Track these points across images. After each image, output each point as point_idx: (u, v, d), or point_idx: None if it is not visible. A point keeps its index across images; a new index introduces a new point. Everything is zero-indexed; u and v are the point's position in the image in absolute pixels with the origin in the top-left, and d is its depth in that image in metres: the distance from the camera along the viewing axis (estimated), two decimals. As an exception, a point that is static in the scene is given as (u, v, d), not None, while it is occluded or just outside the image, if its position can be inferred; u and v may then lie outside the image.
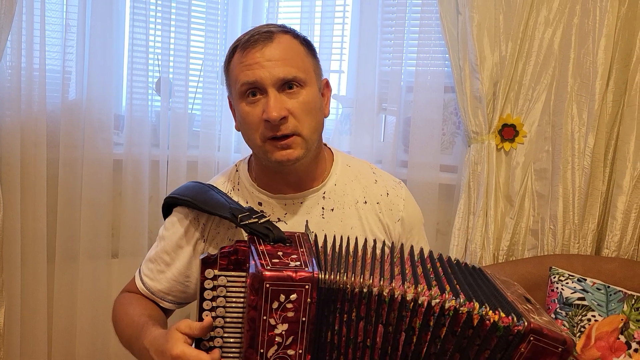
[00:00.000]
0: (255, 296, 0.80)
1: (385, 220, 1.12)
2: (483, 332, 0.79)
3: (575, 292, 1.71)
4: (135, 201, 2.09)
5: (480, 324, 0.79)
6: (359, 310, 0.83)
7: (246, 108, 1.01)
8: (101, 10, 1.99)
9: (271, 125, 0.98)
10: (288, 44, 1.02)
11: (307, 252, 0.88)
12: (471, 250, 1.95)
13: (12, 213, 1.91)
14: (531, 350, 0.77)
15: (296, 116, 0.99)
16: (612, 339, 1.65)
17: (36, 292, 2.00)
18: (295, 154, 1.00)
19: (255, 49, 1.00)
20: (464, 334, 0.80)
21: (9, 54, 1.87)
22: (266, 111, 0.98)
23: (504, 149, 1.98)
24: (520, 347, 0.77)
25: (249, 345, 0.81)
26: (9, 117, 1.90)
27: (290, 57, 1.01)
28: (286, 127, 0.99)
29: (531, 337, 0.76)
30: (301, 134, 1.00)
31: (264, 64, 0.99)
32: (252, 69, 0.99)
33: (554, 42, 1.90)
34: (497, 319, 0.78)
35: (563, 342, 0.77)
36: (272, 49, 1.00)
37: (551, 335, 0.77)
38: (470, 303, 0.80)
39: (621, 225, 1.87)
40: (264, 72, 0.98)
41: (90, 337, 2.09)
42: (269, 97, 0.98)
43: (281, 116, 0.97)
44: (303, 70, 1.02)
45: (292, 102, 1.00)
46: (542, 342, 0.77)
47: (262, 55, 0.99)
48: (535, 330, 0.76)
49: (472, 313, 0.79)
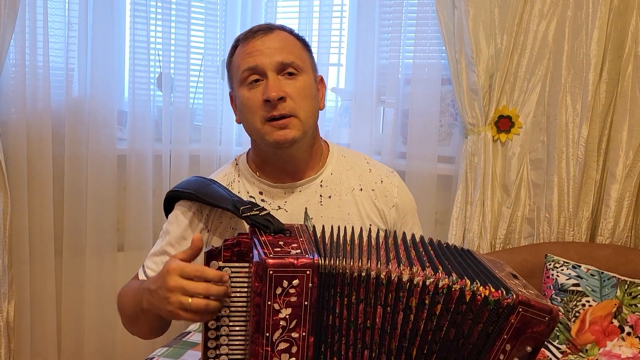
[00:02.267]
0: (259, 283, 0.84)
1: (381, 206, 1.17)
2: (475, 306, 0.83)
3: (570, 278, 1.75)
4: (140, 195, 2.13)
5: (472, 299, 0.83)
6: (359, 293, 0.87)
7: (247, 93, 1.07)
8: (102, 8, 2.02)
9: (270, 105, 1.04)
10: (286, 36, 1.10)
11: (307, 241, 0.92)
12: (469, 239, 2.00)
13: (20, 209, 1.95)
14: (520, 320, 0.81)
15: (293, 99, 1.06)
16: (605, 323, 1.69)
17: (45, 285, 2.04)
18: (291, 134, 1.05)
19: (255, 38, 1.07)
20: (458, 309, 0.84)
21: (13, 52, 1.91)
22: (266, 92, 1.04)
23: (500, 140, 2.02)
24: (510, 318, 0.81)
25: (255, 330, 0.85)
26: (14, 115, 1.93)
27: (289, 46, 1.08)
28: (283, 107, 1.04)
29: (520, 308, 0.81)
30: (298, 116, 1.06)
31: (264, 50, 1.06)
32: (253, 56, 1.06)
33: (548, 35, 1.93)
34: (488, 294, 0.83)
35: (549, 311, 0.82)
36: (272, 39, 1.07)
37: (538, 306, 0.81)
38: (462, 280, 0.84)
39: (614, 213, 1.91)
40: (264, 58, 1.05)
41: (98, 329, 2.14)
42: (268, 79, 1.05)
43: (279, 95, 1.03)
44: (300, 58, 1.09)
45: (289, 85, 1.06)
46: (530, 312, 0.81)
47: (263, 44, 1.06)
48: (523, 302, 0.81)
49: (464, 289, 0.84)
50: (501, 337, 0.82)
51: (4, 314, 1.91)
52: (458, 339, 0.85)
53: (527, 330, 0.82)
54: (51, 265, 2.04)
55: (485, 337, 0.84)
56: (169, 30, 2.12)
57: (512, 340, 0.82)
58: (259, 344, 0.85)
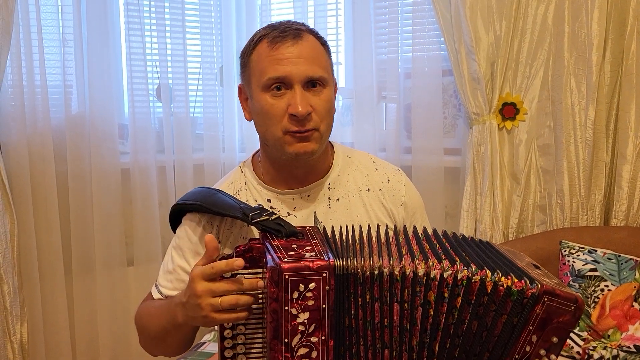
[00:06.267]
0: (275, 288, 0.82)
1: (389, 205, 1.16)
2: (497, 297, 0.81)
3: (586, 263, 1.72)
4: (146, 208, 2.12)
5: (494, 290, 0.81)
6: (372, 292, 0.85)
7: (270, 100, 1.04)
8: (96, 22, 2.01)
9: (297, 120, 1.02)
10: (314, 44, 1.07)
11: (320, 242, 0.90)
12: (481, 231, 1.97)
13: (27, 229, 1.94)
14: (546, 311, 0.79)
15: (318, 113, 1.04)
16: (626, 306, 1.66)
17: (56, 304, 2.03)
18: (311, 147, 1.04)
19: (285, 44, 1.03)
20: (479, 301, 0.82)
21: (10, 73, 1.90)
22: (293, 105, 1.02)
23: (505, 127, 2.00)
24: (536, 308, 0.79)
25: (273, 337, 0.83)
26: (15, 135, 1.93)
27: (317, 56, 1.05)
28: (309, 123, 1.03)
29: (545, 298, 0.79)
30: (319, 130, 1.05)
31: (294, 60, 1.02)
32: (283, 65, 1.02)
33: (547, 18, 1.90)
34: (510, 284, 0.81)
35: (575, 300, 0.79)
36: (302, 47, 1.04)
37: (564, 295, 0.79)
38: (482, 271, 0.82)
39: (627, 194, 1.88)
40: (294, 69, 1.02)
41: (112, 345, 2.12)
42: (295, 93, 1.02)
43: (307, 112, 1.02)
44: (326, 70, 1.07)
45: (315, 100, 1.04)
46: (555, 302, 0.79)
47: (292, 52, 1.03)
48: (548, 291, 0.79)
49: (485, 280, 0.81)
50: (527, 328, 0.80)
51: (18, 335, 1.89)
52: (482, 332, 0.83)
53: (552, 320, 0.80)
54: (61, 284, 2.03)
55: (510, 328, 0.81)
56: (165, 40, 2.11)
57: (538, 331, 0.80)
58: (278, 350, 0.83)
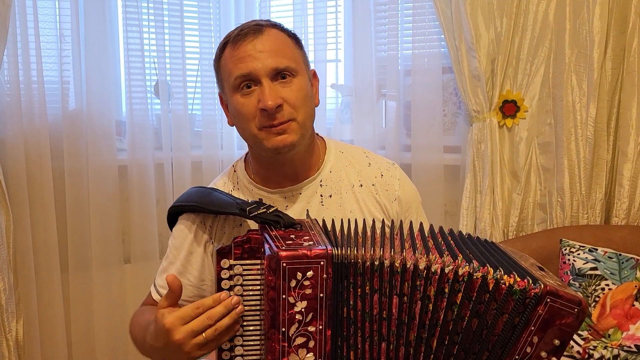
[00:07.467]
0: (273, 276, 0.82)
1: (382, 200, 1.14)
2: (499, 296, 0.80)
3: (587, 262, 1.71)
4: (143, 205, 2.10)
5: (496, 287, 0.80)
6: (372, 283, 0.84)
7: (241, 100, 1.03)
8: (94, 18, 1.99)
9: (267, 114, 1.00)
10: (277, 36, 1.05)
11: (318, 233, 0.90)
12: (481, 229, 1.96)
13: (23, 226, 1.93)
14: (548, 312, 0.78)
15: (290, 103, 1.02)
16: (627, 306, 1.65)
17: (52, 302, 2.02)
18: (290, 139, 1.02)
19: (246, 41, 1.02)
20: (480, 299, 0.81)
21: (6, 68, 1.88)
22: (262, 100, 1.00)
23: (506, 125, 1.98)
24: (538, 309, 0.78)
25: (271, 326, 0.83)
26: (11, 131, 1.91)
27: (281, 48, 1.03)
28: (282, 115, 1.01)
29: (548, 298, 0.77)
30: (296, 119, 1.03)
31: (256, 55, 1.01)
32: (245, 62, 1.01)
33: (548, 14, 1.89)
34: (513, 282, 0.79)
35: (579, 302, 0.78)
36: (263, 41, 1.02)
37: (567, 296, 0.78)
38: (484, 268, 0.81)
39: (629, 193, 1.87)
40: (257, 64, 1.00)
41: (109, 343, 2.11)
42: (263, 87, 1.00)
43: (277, 104, 0.99)
44: (294, 60, 1.04)
45: (285, 91, 1.02)
46: (558, 303, 0.78)
47: (254, 48, 1.01)
48: (551, 292, 0.77)
49: (486, 277, 0.80)
50: (528, 329, 0.79)
51: (13, 333, 1.88)
52: (481, 330, 0.81)
53: (555, 322, 0.78)
54: (58, 281, 2.02)
55: (511, 328, 0.80)
56: (163, 36, 2.10)
57: (540, 332, 0.79)
58: (275, 339, 0.83)
